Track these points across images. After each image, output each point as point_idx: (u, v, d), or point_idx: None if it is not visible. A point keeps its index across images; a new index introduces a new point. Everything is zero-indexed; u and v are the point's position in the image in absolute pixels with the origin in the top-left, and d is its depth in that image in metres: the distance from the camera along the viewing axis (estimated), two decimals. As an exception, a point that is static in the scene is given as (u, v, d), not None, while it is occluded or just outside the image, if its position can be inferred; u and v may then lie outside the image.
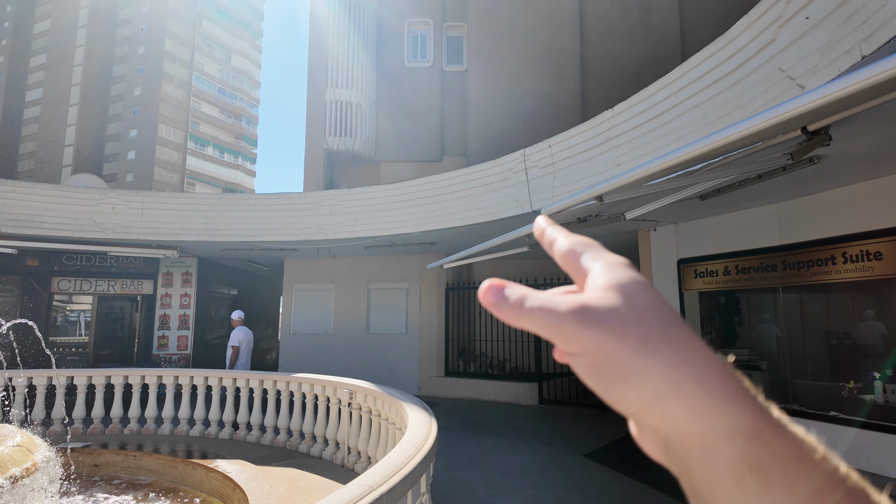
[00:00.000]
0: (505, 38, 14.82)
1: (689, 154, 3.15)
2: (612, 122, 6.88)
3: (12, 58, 58.53)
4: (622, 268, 0.33)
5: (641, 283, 0.32)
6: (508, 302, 0.33)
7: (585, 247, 0.35)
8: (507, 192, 8.38)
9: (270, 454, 6.30)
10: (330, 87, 14.91)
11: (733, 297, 8.21)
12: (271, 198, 10.98)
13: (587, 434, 7.75)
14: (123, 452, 6.37)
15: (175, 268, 12.85)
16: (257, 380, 7.05)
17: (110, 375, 7.46)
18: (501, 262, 11.68)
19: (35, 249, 10.96)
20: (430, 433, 3.29)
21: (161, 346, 12.58)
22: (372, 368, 11.70)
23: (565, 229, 0.38)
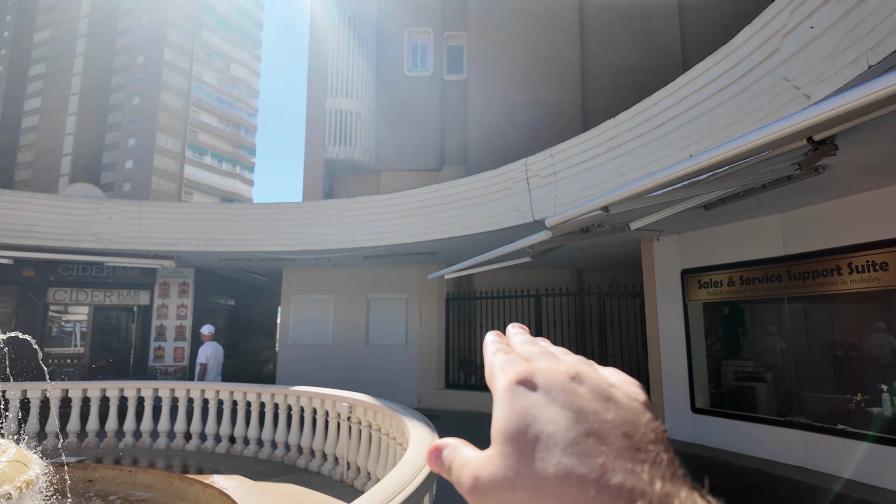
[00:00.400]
0: (505, 47, 14.84)
1: (697, 164, 3.09)
2: (615, 130, 6.83)
3: (11, 67, 58.66)
4: (516, 399, 0.29)
5: (533, 430, 0.27)
6: (441, 470, 0.33)
7: (496, 365, 0.33)
8: (509, 201, 8.32)
9: (268, 469, 6.18)
10: (329, 96, 14.90)
11: (737, 307, 8.14)
12: (270, 207, 10.90)
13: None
14: (118, 467, 6.23)
15: (172, 278, 12.73)
16: (254, 393, 6.94)
17: (105, 388, 7.33)
18: (503, 271, 11.60)
19: (31, 260, 10.86)
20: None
21: (157, 358, 12.43)
22: (371, 380, 11.58)
23: (501, 342, 0.38)
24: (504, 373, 0.31)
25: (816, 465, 6.20)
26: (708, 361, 8.05)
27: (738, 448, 7.15)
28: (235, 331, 16.12)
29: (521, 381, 0.30)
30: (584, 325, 11.43)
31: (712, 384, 8.02)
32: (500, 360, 0.33)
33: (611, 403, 0.29)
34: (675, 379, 8.12)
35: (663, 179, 3.28)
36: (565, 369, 0.31)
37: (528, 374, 0.30)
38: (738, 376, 7.99)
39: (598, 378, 0.30)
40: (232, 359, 15.69)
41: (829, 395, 6.54)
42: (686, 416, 7.89)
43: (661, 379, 8.33)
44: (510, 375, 0.31)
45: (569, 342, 10.95)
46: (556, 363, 0.32)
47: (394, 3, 15.97)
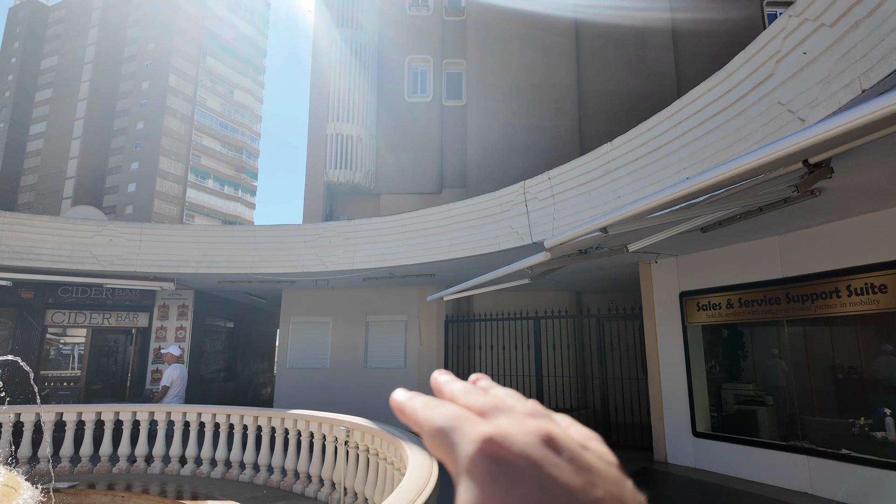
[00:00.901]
0: (503, 74, 15.11)
1: (694, 186, 3.12)
2: (612, 154, 6.91)
3: (18, 93, 59.57)
4: (490, 480, 0.24)
5: None
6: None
7: (445, 424, 0.28)
8: (508, 223, 8.36)
9: (264, 495, 6.07)
10: (331, 120, 15.11)
11: (737, 330, 8.11)
12: (270, 230, 10.94)
13: (591, 473, 7.50)
14: (111, 493, 6.12)
15: (171, 300, 12.70)
16: (251, 416, 6.86)
17: (101, 411, 7.25)
18: (502, 293, 11.59)
19: (30, 281, 10.85)
20: (430, 475, 3.15)
21: (155, 381, 12.31)
22: (370, 404, 11.44)
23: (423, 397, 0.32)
24: (463, 436, 0.26)
25: (821, 491, 6.09)
26: (708, 384, 7.98)
27: (741, 473, 7.04)
28: (234, 353, 16.01)
29: (491, 453, 0.25)
30: (583, 347, 11.35)
31: (713, 407, 7.94)
32: (446, 416, 0.28)
33: (593, 475, 0.25)
34: (676, 402, 8.04)
35: (661, 201, 3.32)
36: (535, 430, 0.26)
37: (498, 440, 0.25)
38: (738, 400, 7.91)
39: (569, 440, 0.27)
40: (230, 381, 15.55)
41: (832, 420, 6.47)
42: (687, 441, 7.79)
43: (662, 402, 8.25)
44: (474, 441, 0.26)
45: (569, 365, 10.86)
46: (521, 421, 0.27)
47: (395, 31, 16.32)
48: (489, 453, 0.25)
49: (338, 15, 15.72)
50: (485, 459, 0.25)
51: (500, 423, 0.27)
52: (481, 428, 0.26)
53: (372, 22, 16.13)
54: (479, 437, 0.26)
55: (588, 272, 9.91)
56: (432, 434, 0.28)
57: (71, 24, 60.00)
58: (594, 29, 15.29)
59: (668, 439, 8.05)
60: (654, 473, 7.51)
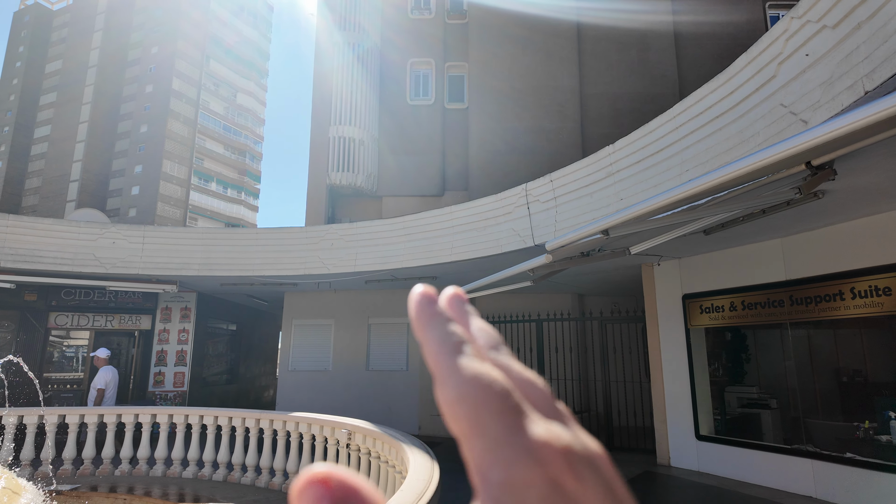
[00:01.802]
0: (505, 77, 15.13)
1: (696, 188, 3.11)
2: (614, 157, 6.90)
3: (23, 96, 59.90)
4: None
5: None
6: None
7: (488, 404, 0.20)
8: (510, 226, 8.35)
9: (265, 497, 6.06)
10: (333, 123, 15.14)
11: (740, 333, 8.08)
12: (273, 232, 10.96)
13: (594, 476, 7.47)
14: (113, 495, 6.12)
15: (174, 303, 12.72)
16: (253, 419, 6.86)
17: (103, 414, 7.26)
18: (505, 296, 11.57)
19: (34, 284, 10.88)
20: (431, 478, 3.13)
21: (157, 383, 12.33)
22: (371, 406, 11.44)
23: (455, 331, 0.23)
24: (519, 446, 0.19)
25: (826, 495, 6.05)
26: (711, 387, 7.95)
27: (745, 477, 7.00)
28: (236, 356, 16.02)
29: (558, 482, 0.19)
30: (586, 350, 11.32)
31: (716, 411, 7.90)
32: (496, 398, 0.20)
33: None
34: (679, 405, 8.01)
35: (663, 203, 3.31)
36: (593, 454, 0.22)
37: (566, 468, 0.20)
38: (742, 403, 7.88)
39: (605, 461, 0.22)
40: (233, 384, 15.56)
41: (836, 423, 6.43)
42: (690, 444, 7.75)
43: (665, 405, 8.21)
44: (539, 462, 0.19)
45: (571, 367, 10.83)
46: (578, 437, 0.22)
47: (397, 34, 16.36)
48: (554, 481, 0.19)
49: (340, 18, 15.77)
50: (549, 488, 0.19)
51: (563, 437, 0.21)
52: (546, 440, 0.20)
53: (374, 25, 16.17)
54: (547, 457, 0.19)
55: (590, 275, 9.89)
56: (468, 407, 0.20)
57: (75, 28, 60.35)
58: (596, 31, 15.31)
59: (671, 443, 8.01)
60: (657, 477, 7.47)
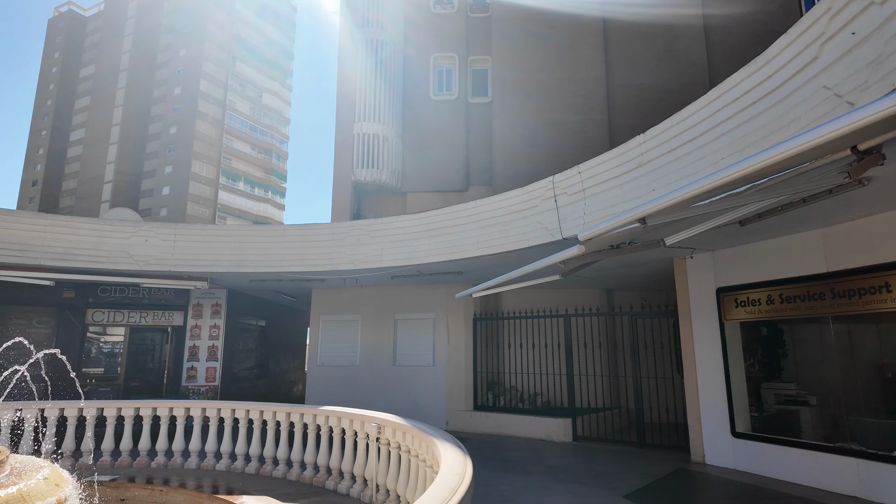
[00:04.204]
0: (529, 70, 14.96)
1: (738, 173, 2.98)
2: (644, 146, 6.73)
3: (59, 101, 61.90)
4: None
5: None
6: None
7: None
8: (536, 219, 8.24)
9: (297, 491, 6.12)
10: (357, 120, 15.21)
11: (777, 327, 7.83)
12: (300, 229, 11.06)
13: (625, 473, 7.34)
14: (150, 487, 6.26)
15: (205, 299, 12.99)
16: (284, 413, 6.93)
17: (139, 407, 7.44)
18: (531, 291, 11.46)
19: (71, 281, 11.22)
20: (464, 473, 3.09)
21: (190, 378, 12.62)
22: (399, 401, 11.47)
23: None
24: None
25: (872, 495, 5.81)
26: (748, 383, 7.72)
27: (784, 475, 6.78)
28: (266, 351, 16.29)
29: None
30: (615, 346, 11.14)
31: (753, 407, 7.67)
32: None
33: None
34: (713, 401, 7.80)
35: (704, 188, 3.17)
36: None
37: None
38: (780, 399, 7.64)
39: None
40: (262, 379, 15.83)
41: (884, 420, 6.17)
42: (726, 441, 7.55)
43: (698, 401, 8.01)
44: None
45: (600, 363, 10.67)
46: None
47: (419, 30, 16.32)
48: None
49: (362, 17, 15.81)
50: None
51: None
52: None
53: (396, 22, 16.16)
54: None
55: (619, 269, 9.71)
56: None
57: (107, 33, 62.00)
58: (621, 22, 15.00)
59: (705, 440, 7.82)
60: (691, 475, 7.30)
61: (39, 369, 5.18)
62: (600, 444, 9.45)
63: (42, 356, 5.24)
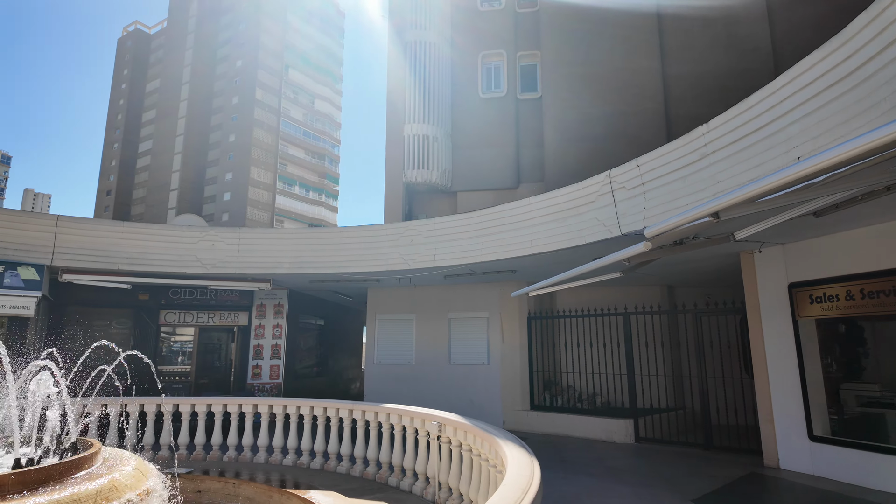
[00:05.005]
0: (580, 63, 14.65)
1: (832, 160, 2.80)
2: (708, 136, 6.46)
3: (128, 115, 66.05)
4: None
5: None
6: None
7: None
8: (593, 215, 8.07)
9: (361, 486, 6.27)
10: (407, 122, 15.38)
11: (857, 325, 7.33)
12: (355, 230, 11.32)
13: (692, 476, 7.08)
14: (223, 480, 6.57)
15: (268, 300, 13.54)
16: (346, 410, 7.11)
17: (211, 403, 7.83)
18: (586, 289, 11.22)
19: (146, 284, 11.95)
20: (532, 474, 3.07)
21: (255, 376, 13.19)
22: (454, 400, 11.52)
23: None
24: None
25: (973, 507, 5.34)
26: (826, 384, 7.26)
27: (869, 483, 6.34)
28: (325, 350, 16.80)
29: None
30: (678, 344, 10.74)
31: (832, 410, 7.22)
32: None
33: None
34: (787, 403, 7.39)
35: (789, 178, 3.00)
36: None
37: None
38: (862, 402, 7.15)
39: None
40: (322, 376, 16.32)
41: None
42: (803, 446, 7.14)
43: (771, 403, 7.61)
44: None
45: (663, 363, 10.33)
46: None
47: (466, 29, 16.32)
48: None
49: (409, 18, 15.96)
50: None
51: None
52: None
53: (443, 23, 16.23)
54: None
55: (681, 265, 9.36)
56: None
57: (170, 48, 65.56)
58: (677, 7, 14.43)
59: (779, 443, 7.42)
60: (764, 480, 6.95)
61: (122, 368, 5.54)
62: (664, 446, 9.16)
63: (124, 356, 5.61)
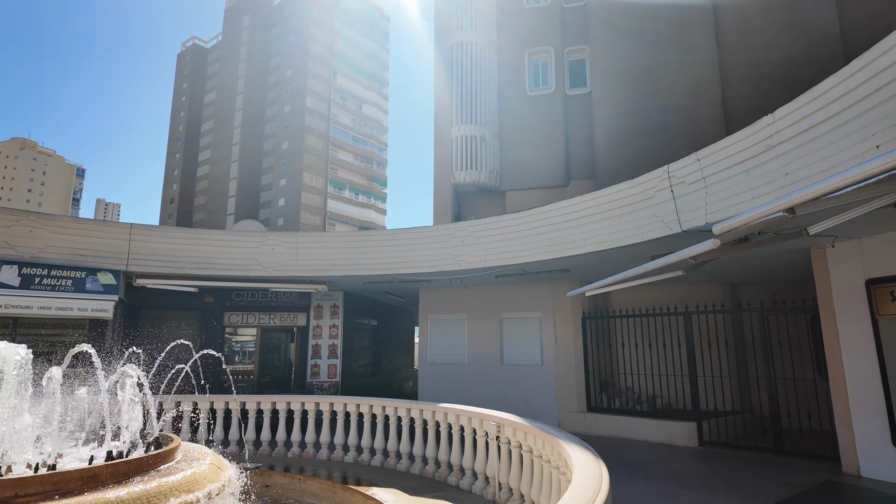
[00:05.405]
0: (631, 55, 14.28)
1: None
2: (774, 127, 6.17)
3: (188, 126, 69.55)
4: None
5: None
6: None
7: None
8: (650, 211, 7.86)
9: (420, 485, 6.36)
10: (455, 123, 15.46)
11: (946, 323, 6.80)
12: (406, 232, 11.50)
13: (763, 483, 6.77)
14: (289, 475, 6.82)
15: (324, 301, 13.97)
16: (405, 409, 7.24)
17: (275, 401, 8.15)
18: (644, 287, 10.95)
19: (211, 287, 12.57)
20: (601, 478, 3.05)
21: (314, 374, 13.65)
22: (508, 400, 11.49)
23: None
24: None
25: None
26: (911, 388, 6.78)
27: (965, 495, 5.87)
28: (379, 349, 17.15)
29: None
30: (744, 344, 10.29)
31: (919, 415, 6.73)
32: None
33: None
34: (868, 406, 6.95)
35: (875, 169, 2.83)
36: None
37: None
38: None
39: None
40: (377, 376, 16.66)
41: None
42: (887, 452, 6.69)
43: (849, 406, 7.18)
44: None
45: (727, 363, 9.92)
46: None
47: (512, 28, 16.24)
48: None
49: (454, 21, 16.04)
50: None
51: None
52: None
53: (488, 23, 16.21)
54: None
55: (746, 261, 8.97)
56: None
57: (225, 61, 68.49)
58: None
59: (859, 449, 6.99)
60: (844, 488, 6.57)
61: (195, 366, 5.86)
62: (730, 450, 8.80)
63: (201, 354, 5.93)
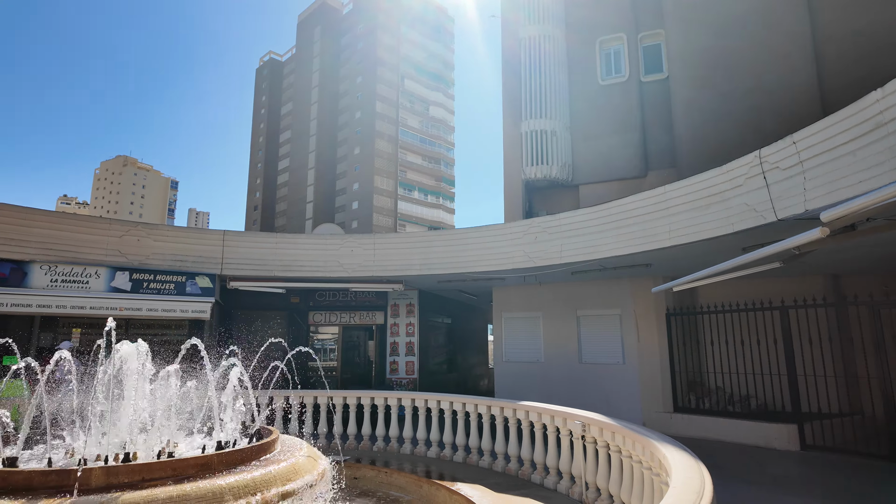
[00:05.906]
0: (711, 36, 13.48)
1: None
2: (884, 103, 5.61)
3: (268, 137, 73.61)
4: None
5: None
6: None
7: None
8: (741, 200, 7.40)
9: (505, 482, 6.37)
10: (524, 118, 15.30)
11: None
12: (477, 231, 11.53)
13: (880, 492, 6.19)
14: (376, 468, 7.08)
15: (401, 300, 14.33)
16: (485, 406, 7.28)
17: (360, 396, 8.47)
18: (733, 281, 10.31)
19: (297, 288, 13.25)
20: (703, 479, 2.92)
21: (393, 371, 14.05)
22: (589, 399, 11.21)
23: None
24: None
25: None
26: None
27: None
28: (453, 347, 17.34)
29: None
30: (851, 341, 9.42)
31: None
32: None
33: None
34: None
35: None
36: None
37: None
38: None
39: None
40: (452, 373, 16.87)
41: None
42: None
43: (984, 411, 6.40)
44: None
45: (831, 362, 9.14)
46: None
47: (582, 17, 15.82)
48: None
49: (522, 14, 15.87)
50: None
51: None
52: None
53: (557, 14, 15.89)
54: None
55: (849, 251, 8.22)
56: None
57: (299, 73, 71.82)
58: (830, -42, 12.67)
59: None
60: (980, 501, 5.87)
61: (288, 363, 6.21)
62: (836, 455, 8.11)
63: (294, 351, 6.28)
